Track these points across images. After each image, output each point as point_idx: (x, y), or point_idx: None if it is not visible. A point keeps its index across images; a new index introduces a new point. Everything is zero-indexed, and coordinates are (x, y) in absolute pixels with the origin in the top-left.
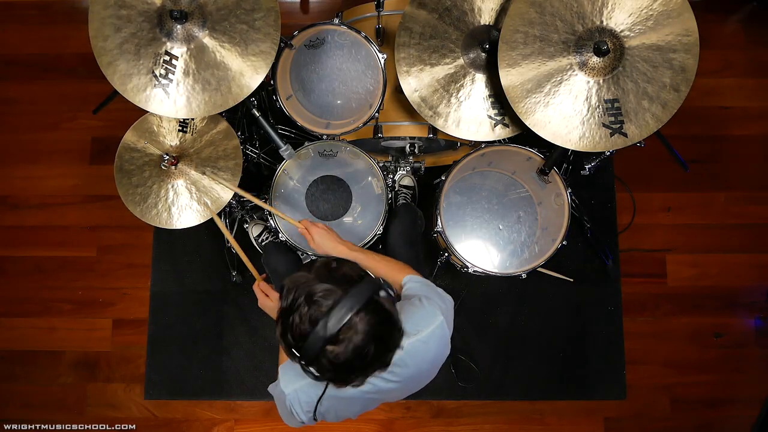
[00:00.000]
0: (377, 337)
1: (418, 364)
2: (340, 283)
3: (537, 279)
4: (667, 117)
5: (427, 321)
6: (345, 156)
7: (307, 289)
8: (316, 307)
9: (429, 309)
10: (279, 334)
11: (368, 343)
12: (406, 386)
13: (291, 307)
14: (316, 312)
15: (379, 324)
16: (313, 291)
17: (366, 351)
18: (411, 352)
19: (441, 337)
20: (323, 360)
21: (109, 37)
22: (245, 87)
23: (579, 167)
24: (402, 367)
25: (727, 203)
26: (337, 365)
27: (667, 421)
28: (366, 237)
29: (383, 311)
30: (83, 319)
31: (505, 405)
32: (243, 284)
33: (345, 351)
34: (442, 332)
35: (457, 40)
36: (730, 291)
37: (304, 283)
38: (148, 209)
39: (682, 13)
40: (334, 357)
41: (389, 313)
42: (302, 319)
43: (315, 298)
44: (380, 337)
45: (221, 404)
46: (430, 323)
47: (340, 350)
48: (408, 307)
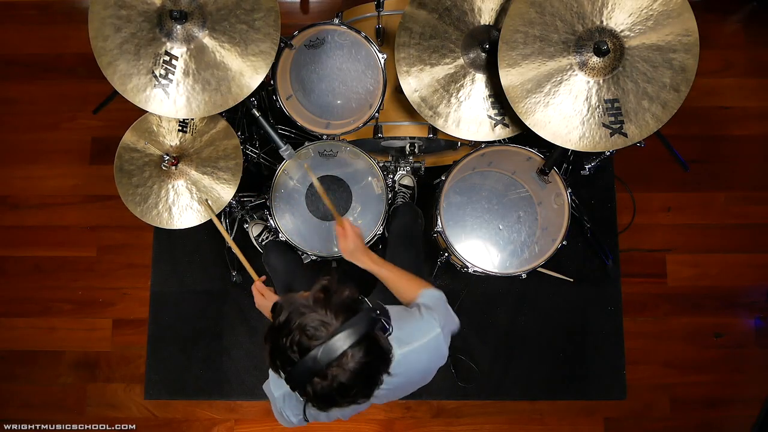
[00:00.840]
0: (365, 375)
1: (408, 373)
2: (337, 312)
3: (537, 279)
4: (667, 117)
5: (422, 332)
6: (345, 156)
7: (301, 315)
8: (307, 337)
9: (428, 320)
10: (267, 353)
11: (355, 381)
12: (395, 392)
13: (282, 329)
14: (307, 343)
15: (370, 363)
16: (305, 321)
17: (351, 388)
18: (402, 362)
19: (435, 350)
20: (308, 388)
21: (109, 37)
22: (245, 87)
23: (579, 167)
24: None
25: (727, 203)
26: (320, 396)
27: (667, 421)
28: (366, 237)
29: (376, 348)
30: (83, 319)
31: (505, 405)
32: (243, 284)
33: (330, 386)
34: (437, 345)
35: (457, 40)
36: (730, 291)
37: (299, 307)
38: (149, 209)
39: (682, 13)
40: (319, 389)
41: (382, 350)
42: (292, 345)
43: (308, 328)
44: (368, 375)
45: (221, 404)
46: (426, 334)
47: (326, 384)
48: (407, 315)
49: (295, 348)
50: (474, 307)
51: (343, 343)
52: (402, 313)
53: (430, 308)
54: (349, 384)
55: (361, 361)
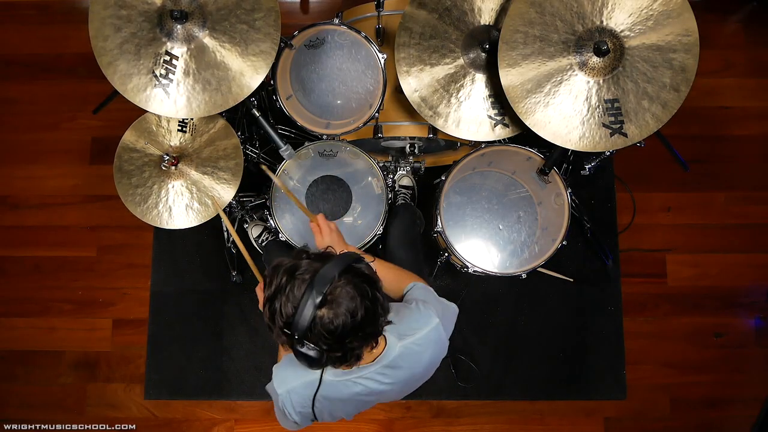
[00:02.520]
0: (364, 295)
1: (411, 366)
2: (318, 259)
3: (537, 279)
4: (667, 117)
5: (421, 323)
6: (345, 156)
7: (287, 268)
8: (299, 281)
9: (424, 312)
10: (267, 320)
11: (357, 300)
12: (400, 388)
13: (276, 290)
14: (301, 284)
15: (363, 284)
16: (294, 267)
17: (356, 310)
18: (404, 354)
19: (436, 341)
20: (316, 329)
21: (109, 37)
22: (245, 87)
23: (579, 167)
24: (395, 369)
25: (727, 203)
26: (331, 330)
27: (667, 421)
28: (366, 237)
29: (363, 275)
30: (83, 319)
31: (505, 405)
32: (243, 284)
33: (336, 313)
34: (438, 335)
35: (457, 40)
36: (730, 291)
37: (283, 265)
38: (149, 210)
39: (682, 13)
40: (327, 321)
41: (369, 276)
42: (288, 296)
43: (297, 273)
44: (366, 295)
45: (221, 404)
46: (425, 326)
47: (332, 313)
48: (404, 310)
49: (291, 296)
50: (474, 307)
51: (332, 271)
52: (400, 308)
53: (426, 302)
54: (353, 303)
55: (354, 281)
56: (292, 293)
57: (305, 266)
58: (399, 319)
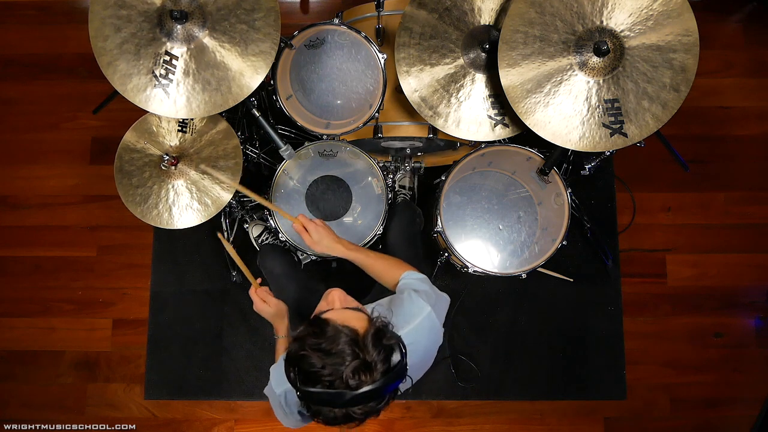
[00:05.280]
0: (372, 412)
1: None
2: (378, 363)
3: (537, 279)
4: (667, 117)
5: (414, 313)
6: (345, 156)
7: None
8: (341, 381)
9: (417, 301)
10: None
11: (362, 415)
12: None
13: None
14: (341, 385)
15: (391, 401)
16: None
17: (356, 417)
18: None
19: (430, 329)
20: (316, 410)
21: (109, 37)
22: (245, 87)
23: (579, 167)
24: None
25: (727, 203)
26: (325, 419)
27: (666, 421)
28: (366, 237)
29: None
30: (83, 319)
31: (505, 405)
32: (243, 284)
33: (337, 415)
34: (431, 323)
35: (457, 40)
36: (730, 291)
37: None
38: (149, 210)
39: (682, 13)
40: (325, 413)
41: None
42: (321, 377)
43: (345, 376)
44: (374, 412)
45: (221, 404)
46: (418, 314)
47: (339, 414)
48: (398, 301)
49: (324, 379)
50: (474, 307)
51: (371, 397)
52: (393, 300)
53: (418, 291)
54: (358, 417)
55: (377, 409)
56: (327, 380)
57: (361, 376)
58: (392, 312)
